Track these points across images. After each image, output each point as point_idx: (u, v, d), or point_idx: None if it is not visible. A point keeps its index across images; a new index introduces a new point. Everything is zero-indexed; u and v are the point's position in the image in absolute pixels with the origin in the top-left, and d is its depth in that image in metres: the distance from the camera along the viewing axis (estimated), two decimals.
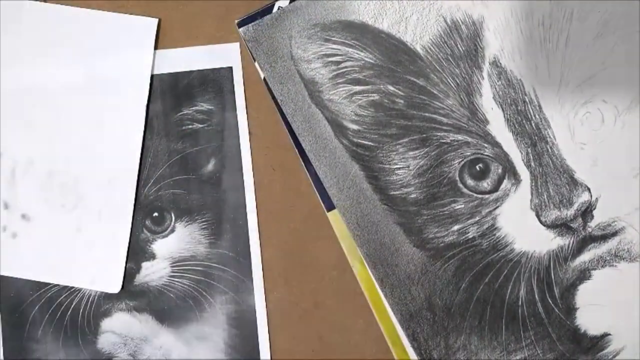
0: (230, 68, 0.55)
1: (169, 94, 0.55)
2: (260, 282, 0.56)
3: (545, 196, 0.53)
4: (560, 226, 0.53)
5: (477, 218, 0.54)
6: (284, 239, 0.56)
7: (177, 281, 0.56)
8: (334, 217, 0.55)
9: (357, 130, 0.54)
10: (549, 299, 0.54)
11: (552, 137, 0.53)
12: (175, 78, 0.55)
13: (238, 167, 0.55)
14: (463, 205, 0.54)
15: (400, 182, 0.54)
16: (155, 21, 0.55)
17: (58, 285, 0.56)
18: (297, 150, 0.55)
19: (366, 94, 0.54)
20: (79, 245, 0.56)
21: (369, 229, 0.55)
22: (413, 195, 0.54)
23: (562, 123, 0.53)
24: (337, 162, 0.55)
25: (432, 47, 0.53)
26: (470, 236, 0.54)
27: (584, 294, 0.54)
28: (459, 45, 0.53)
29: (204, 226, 0.56)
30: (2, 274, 0.56)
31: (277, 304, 0.56)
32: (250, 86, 0.55)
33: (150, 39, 0.55)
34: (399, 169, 0.54)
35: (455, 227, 0.54)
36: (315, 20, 0.54)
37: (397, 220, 0.55)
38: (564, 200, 0.53)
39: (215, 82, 0.55)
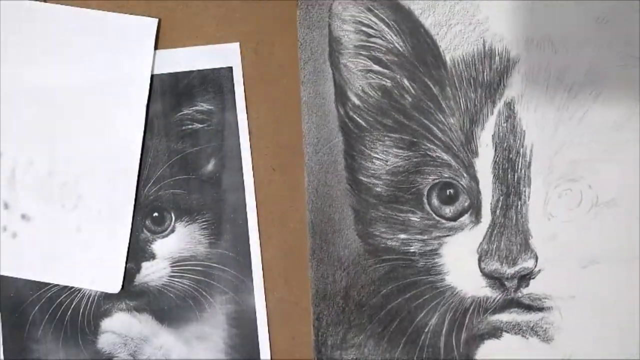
0: (230, 68, 0.55)
1: (169, 94, 0.55)
2: (260, 282, 0.56)
3: (494, 246, 0.53)
4: (495, 279, 0.54)
5: (425, 237, 0.54)
6: (284, 239, 0.56)
7: (177, 281, 0.56)
8: None
9: (357, 106, 0.54)
10: (454, 339, 0.55)
11: (526, 196, 0.53)
12: (175, 78, 0.55)
13: (238, 167, 0.55)
14: (418, 220, 0.54)
15: (372, 171, 0.54)
16: (155, 21, 0.55)
17: (58, 285, 0.56)
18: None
19: (380, 77, 0.54)
20: (79, 245, 0.55)
21: (324, 199, 0.55)
22: (378, 189, 0.54)
23: (542, 188, 0.53)
24: (325, 125, 0.54)
25: (460, 63, 0.53)
26: (412, 250, 0.54)
27: (487, 350, 0.55)
28: (485, 73, 0.53)
29: (204, 226, 0.55)
30: (2, 273, 0.56)
31: (277, 304, 0.56)
32: (250, 86, 0.55)
33: (150, 39, 0.55)
34: (378, 159, 0.54)
35: (402, 236, 0.54)
36: None
37: (353, 205, 0.55)
38: (509, 258, 0.53)
39: (215, 82, 0.55)
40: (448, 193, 0.54)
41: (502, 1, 0.53)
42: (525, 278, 0.53)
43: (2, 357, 0.56)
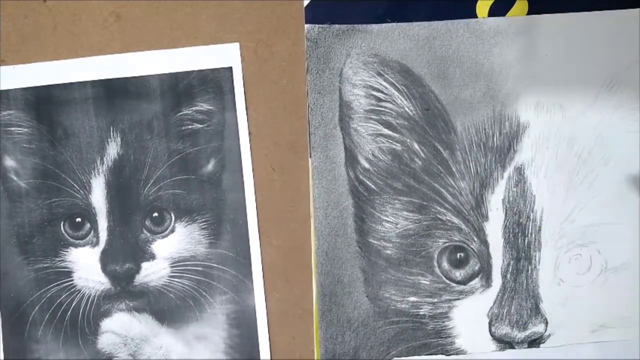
0: (230, 68, 0.55)
1: (169, 94, 0.55)
2: (260, 282, 0.56)
3: (505, 310, 0.53)
4: (506, 343, 0.54)
5: (435, 300, 0.54)
6: (283, 239, 0.56)
7: (177, 281, 0.56)
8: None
9: (367, 169, 0.54)
10: None
11: (537, 260, 0.53)
12: (175, 78, 0.55)
13: (238, 167, 0.55)
14: (428, 283, 0.54)
15: (383, 234, 0.54)
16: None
17: (58, 285, 0.56)
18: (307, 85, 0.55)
19: (391, 140, 0.54)
20: None
21: (334, 262, 0.55)
22: (388, 252, 0.54)
23: (552, 253, 0.53)
24: (335, 189, 0.55)
25: (470, 128, 0.53)
26: (422, 313, 0.54)
27: None
28: (495, 138, 0.53)
29: (203, 226, 0.56)
30: None
31: (277, 304, 0.56)
32: (250, 86, 0.55)
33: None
34: (388, 222, 0.54)
35: (412, 299, 0.54)
36: (377, 51, 0.54)
37: (363, 267, 0.55)
38: (520, 322, 0.53)
39: (215, 82, 0.55)
40: (458, 256, 0.54)
41: (512, 67, 0.53)
42: (535, 342, 0.53)
43: (2, 357, 0.56)
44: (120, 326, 0.56)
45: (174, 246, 0.56)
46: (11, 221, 0.56)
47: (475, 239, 0.53)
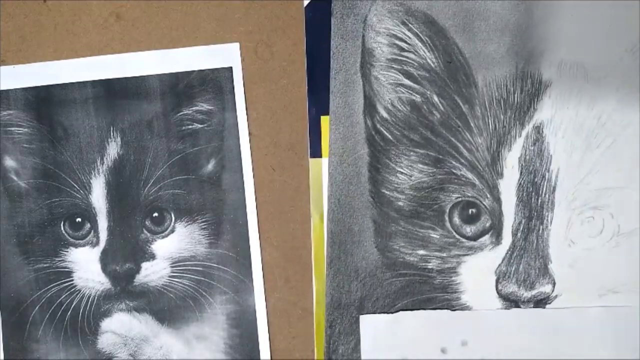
0: (230, 68, 0.55)
1: (169, 94, 0.55)
2: (260, 282, 0.56)
3: (513, 269, 0.53)
4: (511, 301, 0.53)
5: (444, 254, 0.54)
6: (283, 239, 0.56)
7: (177, 281, 0.56)
8: (315, 165, 0.55)
9: (385, 119, 0.54)
10: None
11: (549, 220, 0.53)
12: (175, 78, 0.55)
13: (238, 167, 0.55)
14: (438, 237, 0.54)
15: (396, 185, 0.54)
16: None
17: (58, 285, 0.56)
18: (307, 84, 0.55)
19: (410, 91, 0.54)
20: None
21: (346, 210, 0.55)
22: (400, 203, 0.54)
23: (565, 214, 0.53)
24: (352, 136, 0.54)
25: (492, 83, 0.53)
26: (430, 267, 0.54)
27: None
28: (516, 95, 0.53)
29: (204, 226, 0.55)
30: None
31: (277, 304, 0.56)
32: (250, 86, 0.55)
33: None
34: (402, 173, 0.54)
35: (421, 252, 0.54)
36: None
37: (374, 217, 0.55)
38: (527, 282, 0.53)
39: (215, 82, 0.55)
40: (470, 212, 0.53)
41: (537, 25, 0.53)
42: (541, 302, 0.53)
43: (2, 357, 0.56)
44: (120, 326, 0.56)
45: (174, 246, 0.56)
46: (11, 221, 0.56)
47: (489, 195, 0.53)
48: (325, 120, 0.55)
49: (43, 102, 0.56)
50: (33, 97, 0.56)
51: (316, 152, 0.55)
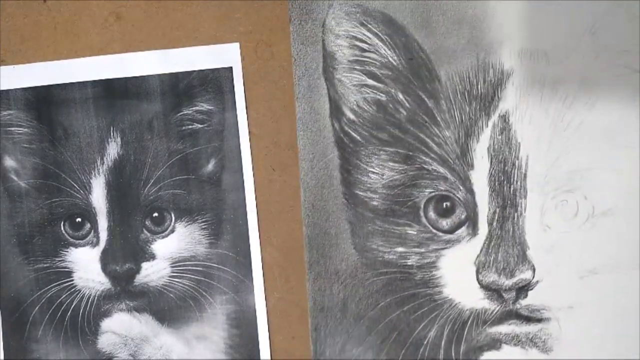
0: (230, 68, 0.55)
1: (169, 94, 0.55)
2: (260, 282, 0.56)
3: (492, 258, 0.53)
4: (493, 291, 0.54)
5: (423, 250, 0.54)
6: (283, 239, 0.56)
7: (177, 281, 0.56)
8: None
9: (352, 121, 0.54)
10: (453, 351, 0.55)
11: (523, 207, 0.53)
12: (175, 78, 0.55)
13: (238, 167, 0.55)
14: (415, 233, 0.54)
15: (369, 185, 0.54)
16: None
17: (58, 285, 0.57)
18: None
19: (375, 91, 0.54)
20: None
21: (321, 214, 0.55)
22: (375, 203, 0.54)
23: (538, 199, 0.53)
24: (320, 141, 0.55)
25: (454, 76, 0.53)
26: (409, 263, 0.55)
27: None
28: (479, 86, 0.53)
29: (204, 226, 0.56)
30: None
31: (277, 304, 0.56)
32: (250, 86, 0.55)
33: None
34: (374, 173, 0.54)
35: (399, 249, 0.54)
36: (360, 0, 0.54)
37: (350, 219, 0.55)
38: (507, 270, 0.53)
39: (215, 82, 0.55)
40: (444, 206, 0.54)
41: (495, 14, 0.53)
42: (523, 289, 0.53)
43: (2, 357, 0.56)
44: (120, 326, 0.56)
45: (174, 246, 0.56)
46: (11, 221, 0.57)
47: (461, 187, 0.53)
48: None
49: (43, 102, 0.57)
50: (33, 97, 0.57)
51: None
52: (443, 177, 0.53)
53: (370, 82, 0.54)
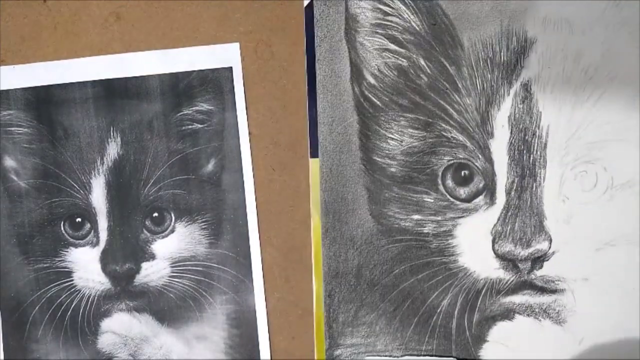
0: (230, 68, 0.55)
1: (169, 94, 0.55)
2: (260, 282, 0.56)
3: (508, 228, 0.53)
4: (509, 261, 0.53)
5: (439, 218, 0.54)
6: (283, 239, 0.56)
7: (177, 281, 0.56)
8: (315, 165, 0.55)
9: (373, 85, 0.54)
10: (466, 320, 0.54)
11: (542, 177, 0.53)
12: (175, 78, 0.55)
13: (238, 167, 0.55)
14: (432, 201, 0.54)
15: (387, 151, 0.54)
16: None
17: (58, 285, 0.56)
18: (307, 84, 0.54)
19: (397, 56, 0.53)
20: None
21: (338, 179, 0.55)
22: (392, 169, 0.54)
23: (558, 170, 0.53)
24: (340, 105, 0.54)
25: (477, 43, 0.53)
26: (425, 231, 0.54)
27: (500, 331, 0.54)
28: (502, 53, 0.53)
29: (204, 226, 0.56)
30: None
31: (277, 304, 0.56)
32: (250, 86, 0.55)
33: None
34: (393, 139, 0.54)
35: (416, 217, 0.54)
36: None
37: (367, 185, 0.54)
38: (523, 240, 0.53)
39: (215, 82, 0.55)
40: (463, 174, 0.53)
41: None
42: (538, 260, 0.53)
43: (2, 357, 0.56)
44: (120, 326, 0.56)
45: (174, 246, 0.56)
46: (11, 221, 0.56)
47: (480, 156, 0.53)
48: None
49: (43, 102, 0.56)
50: (33, 97, 0.56)
51: (316, 152, 0.55)
52: (462, 145, 0.53)
53: (392, 46, 0.53)
